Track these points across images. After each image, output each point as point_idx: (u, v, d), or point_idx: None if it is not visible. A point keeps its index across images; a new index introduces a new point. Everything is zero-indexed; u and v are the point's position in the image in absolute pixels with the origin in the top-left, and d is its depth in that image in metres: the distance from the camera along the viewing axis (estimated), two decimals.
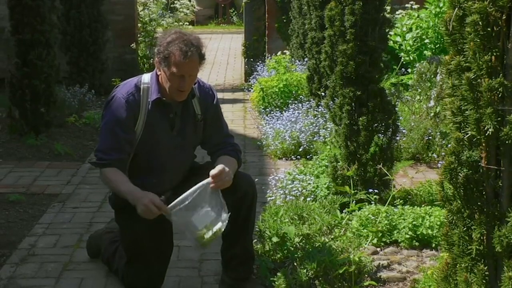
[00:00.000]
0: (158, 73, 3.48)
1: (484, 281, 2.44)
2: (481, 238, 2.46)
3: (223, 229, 3.30)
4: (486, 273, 2.45)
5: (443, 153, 5.68)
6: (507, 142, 2.34)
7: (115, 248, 3.82)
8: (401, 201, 4.54)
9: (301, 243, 3.94)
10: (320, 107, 6.76)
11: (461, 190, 2.48)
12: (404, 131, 6.06)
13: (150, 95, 3.49)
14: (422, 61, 7.32)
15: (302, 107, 6.97)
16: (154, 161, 3.55)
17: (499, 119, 2.34)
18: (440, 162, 5.64)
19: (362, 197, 4.44)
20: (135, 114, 3.47)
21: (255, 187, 3.70)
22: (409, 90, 7.07)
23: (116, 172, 3.43)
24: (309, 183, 4.91)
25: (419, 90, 6.80)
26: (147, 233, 3.52)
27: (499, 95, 2.34)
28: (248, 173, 5.86)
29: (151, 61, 9.64)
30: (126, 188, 3.39)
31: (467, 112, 2.40)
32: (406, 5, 8.77)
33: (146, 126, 3.48)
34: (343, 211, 4.39)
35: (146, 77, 3.55)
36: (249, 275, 3.72)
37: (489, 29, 2.34)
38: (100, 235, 4.04)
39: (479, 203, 2.46)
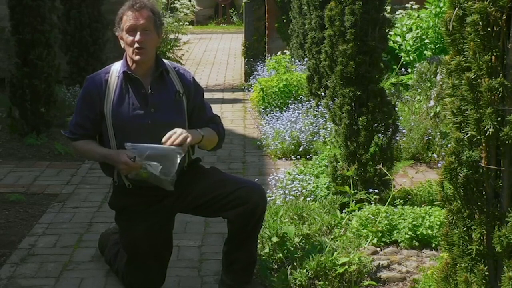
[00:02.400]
0: (121, 44, 3.52)
1: (484, 281, 2.44)
2: (481, 238, 2.46)
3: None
4: (486, 273, 2.45)
5: (443, 153, 5.68)
6: (507, 142, 2.34)
7: (117, 250, 3.82)
8: (401, 201, 4.54)
9: (301, 243, 3.94)
10: (320, 107, 6.76)
11: (461, 190, 2.48)
12: (404, 131, 6.06)
13: (118, 73, 3.52)
14: (422, 61, 7.32)
15: (302, 107, 6.97)
16: (134, 141, 3.46)
17: (499, 119, 2.34)
18: (440, 162, 5.64)
19: (362, 197, 4.44)
20: (100, 93, 3.49)
21: (266, 199, 3.70)
22: (409, 90, 7.07)
23: (86, 143, 3.57)
24: (309, 183, 4.91)
25: (419, 90, 6.80)
26: (145, 235, 3.52)
27: (499, 95, 2.34)
28: (248, 172, 5.91)
29: None
30: (99, 153, 3.53)
31: (467, 112, 2.40)
32: (406, 5, 8.76)
33: (116, 103, 3.47)
34: (343, 211, 4.39)
35: (119, 61, 3.60)
36: (250, 279, 3.71)
37: (489, 29, 2.34)
38: (109, 235, 4.05)
39: (479, 203, 2.46)
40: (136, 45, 3.42)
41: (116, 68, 3.56)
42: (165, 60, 3.63)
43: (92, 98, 3.51)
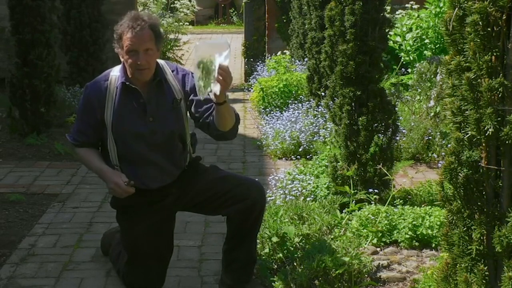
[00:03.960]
0: (120, 58, 3.49)
1: (484, 281, 2.44)
2: (481, 238, 2.46)
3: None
4: (486, 273, 2.45)
5: (443, 153, 5.68)
6: (507, 142, 2.34)
7: (120, 249, 3.81)
8: (401, 201, 4.54)
9: (301, 243, 3.94)
10: (320, 107, 6.76)
11: (461, 190, 2.48)
12: (404, 131, 6.06)
13: (117, 82, 3.51)
14: (422, 61, 7.32)
15: (302, 107, 6.97)
16: (133, 149, 3.49)
17: (499, 119, 2.34)
18: (440, 162, 5.64)
19: (362, 197, 4.44)
20: (100, 101, 3.49)
21: (265, 196, 3.70)
22: (409, 90, 7.07)
23: (88, 151, 3.59)
24: (309, 183, 4.91)
25: (419, 90, 6.80)
26: (145, 235, 3.53)
27: (499, 95, 2.34)
28: (248, 172, 5.91)
29: None
30: (96, 166, 3.55)
31: (467, 112, 2.40)
32: (406, 5, 8.77)
33: (116, 112, 3.47)
34: (343, 211, 4.39)
35: (117, 68, 3.58)
36: (250, 279, 3.71)
37: (489, 29, 2.34)
38: (113, 234, 4.05)
39: (479, 203, 2.46)
40: (139, 66, 3.40)
41: (114, 75, 3.54)
42: (162, 61, 3.60)
43: (93, 105, 3.51)
